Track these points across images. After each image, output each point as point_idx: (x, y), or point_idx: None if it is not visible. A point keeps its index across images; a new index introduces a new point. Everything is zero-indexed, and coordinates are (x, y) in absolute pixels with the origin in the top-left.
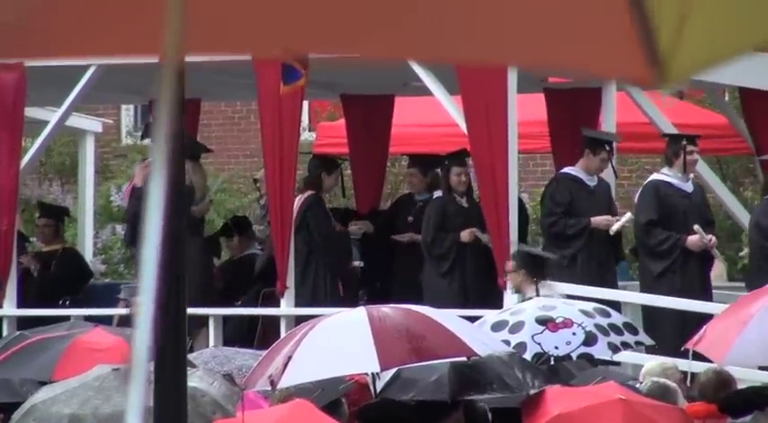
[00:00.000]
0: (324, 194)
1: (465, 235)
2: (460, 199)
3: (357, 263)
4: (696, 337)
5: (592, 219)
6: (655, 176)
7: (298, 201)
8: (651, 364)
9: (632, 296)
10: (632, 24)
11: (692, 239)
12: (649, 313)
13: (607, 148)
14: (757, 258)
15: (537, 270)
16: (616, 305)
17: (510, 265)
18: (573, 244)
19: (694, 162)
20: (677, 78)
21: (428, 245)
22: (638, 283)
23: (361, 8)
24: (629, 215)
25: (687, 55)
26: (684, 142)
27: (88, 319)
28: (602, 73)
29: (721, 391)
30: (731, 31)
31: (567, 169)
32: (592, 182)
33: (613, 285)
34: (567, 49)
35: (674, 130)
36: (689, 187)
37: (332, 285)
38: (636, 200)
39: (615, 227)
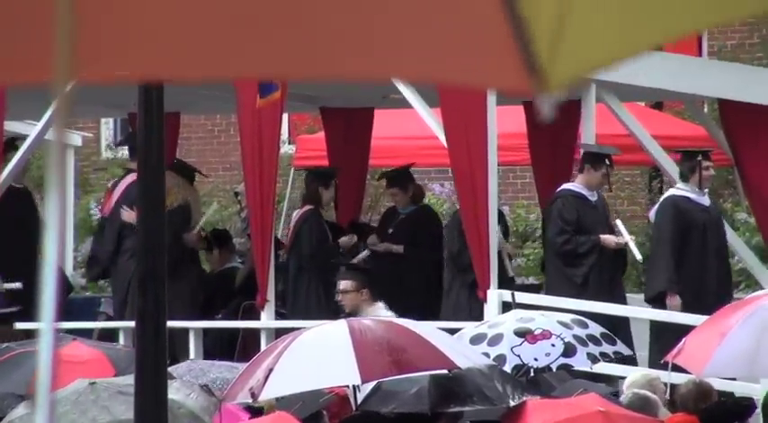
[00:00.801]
0: (323, 209)
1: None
2: None
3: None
4: (675, 350)
5: (601, 236)
6: (672, 192)
7: (296, 215)
8: (635, 375)
9: (607, 308)
10: (509, 34)
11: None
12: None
13: (607, 163)
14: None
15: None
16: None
17: (347, 284)
18: (585, 261)
19: (710, 177)
20: (557, 86)
21: (454, 257)
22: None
23: (232, 26)
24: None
25: (566, 63)
26: (700, 158)
27: (69, 332)
28: (481, 84)
29: (702, 402)
30: (609, 37)
31: (568, 186)
32: (593, 197)
33: (622, 301)
34: (447, 62)
35: (652, 142)
36: (706, 201)
37: (326, 300)
38: (652, 215)
39: (628, 242)
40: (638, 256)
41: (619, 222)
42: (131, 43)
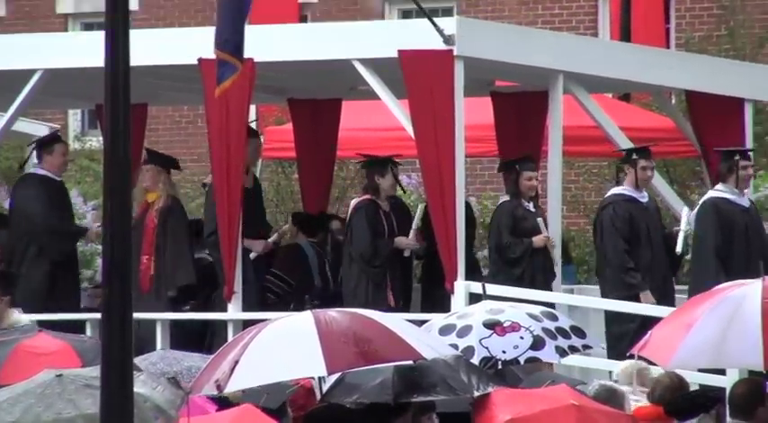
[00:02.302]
0: (381, 198)
1: (539, 240)
2: (527, 203)
3: None
4: (641, 342)
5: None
6: (711, 194)
7: (353, 203)
8: (625, 364)
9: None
10: None
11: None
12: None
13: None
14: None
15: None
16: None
17: None
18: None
19: (748, 177)
20: None
21: (503, 249)
22: (585, 286)
23: None
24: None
25: None
26: (737, 157)
27: (40, 324)
28: None
29: (678, 394)
30: None
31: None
32: (644, 199)
33: (672, 302)
34: None
35: (620, 133)
36: (745, 202)
37: (374, 292)
38: (692, 217)
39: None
40: (678, 249)
41: (685, 210)
42: None
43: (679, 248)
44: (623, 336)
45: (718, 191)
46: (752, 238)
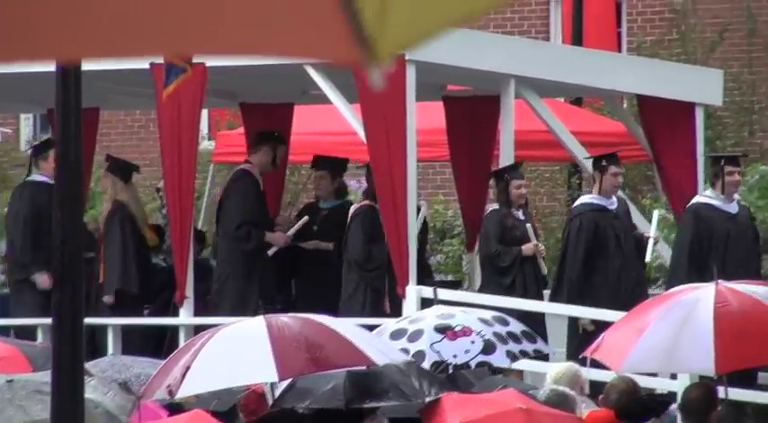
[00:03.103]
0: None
1: (528, 248)
2: (517, 211)
3: None
4: (594, 345)
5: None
6: (697, 199)
7: (353, 209)
8: (559, 368)
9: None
10: (337, 6)
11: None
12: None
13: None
14: None
15: None
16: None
17: None
18: None
19: (734, 183)
20: (385, 56)
21: (492, 258)
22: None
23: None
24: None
25: (394, 32)
26: (723, 163)
27: None
28: (312, 55)
29: (631, 398)
30: (435, 5)
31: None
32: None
33: None
34: (277, 34)
35: (571, 138)
36: (732, 208)
37: (372, 299)
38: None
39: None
40: (647, 257)
41: (655, 214)
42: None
43: (648, 257)
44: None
45: (705, 196)
46: (732, 246)
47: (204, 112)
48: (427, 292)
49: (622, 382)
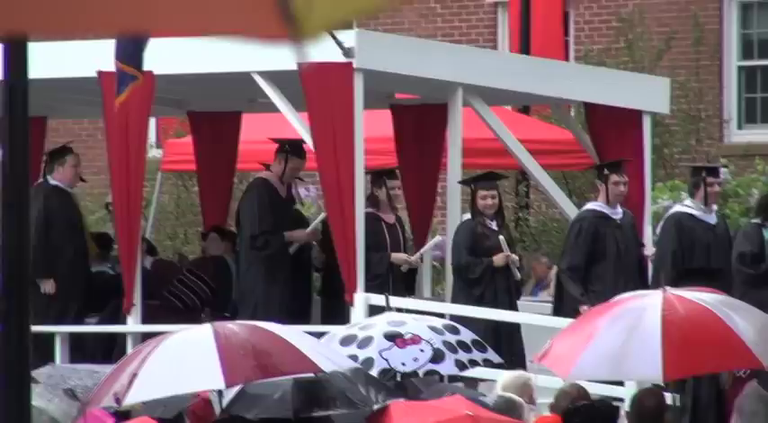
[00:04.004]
0: (381, 211)
1: (499, 259)
2: (490, 222)
3: None
4: (541, 352)
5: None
6: (677, 208)
7: None
8: (508, 375)
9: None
10: None
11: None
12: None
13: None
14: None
15: None
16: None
17: None
18: None
19: (715, 194)
20: (311, 34)
21: (461, 269)
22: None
23: None
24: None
25: (320, 11)
26: (704, 174)
27: None
28: (241, 32)
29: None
30: None
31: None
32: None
33: None
34: (205, 14)
35: (519, 146)
36: (712, 219)
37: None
38: (658, 232)
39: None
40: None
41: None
42: None
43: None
44: None
45: (685, 206)
46: (713, 256)
47: (152, 121)
48: (375, 299)
49: (574, 389)
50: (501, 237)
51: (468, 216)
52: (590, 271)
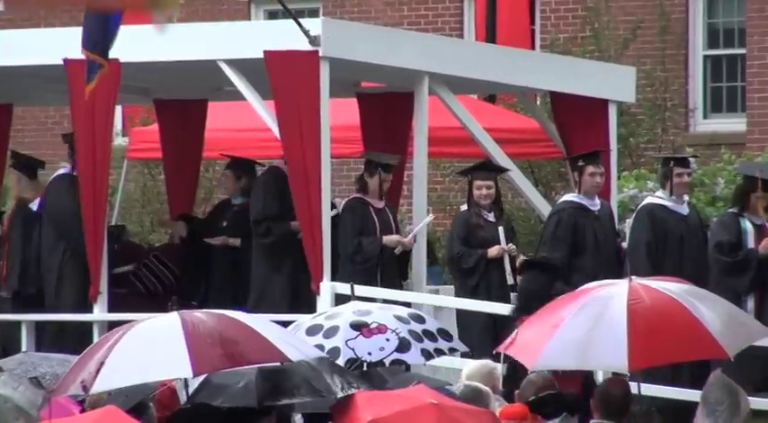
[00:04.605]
0: (369, 196)
1: (493, 251)
2: (487, 213)
3: None
4: (508, 340)
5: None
6: (649, 200)
7: (343, 202)
8: (474, 364)
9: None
10: None
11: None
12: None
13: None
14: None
15: None
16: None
17: None
18: None
19: (683, 185)
20: (170, 3)
21: (454, 259)
22: (450, 287)
23: None
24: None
25: None
26: (672, 164)
27: None
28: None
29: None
30: None
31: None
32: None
33: None
34: None
35: (485, 135)
36: (684, 210)
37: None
38: (631, 223)
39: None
40: (509, 281)
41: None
42: None
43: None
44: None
45: (657, 197)
46: (686, 247)
47: (118, 108)
48: (342, 287)
49: (540, 378)
50: (500, 227)
51: (465, 207)
52: (570, 264)
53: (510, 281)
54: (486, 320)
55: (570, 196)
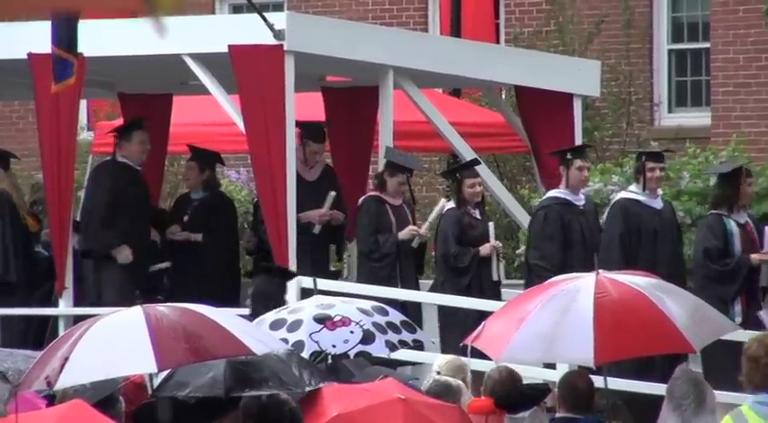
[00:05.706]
0: (386, 194)
1: (485, 249)
2: (473, 211)
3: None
4: (474, 334)
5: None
6: (622, 194)
7: (360, 200)
8: (445, 358)
9: (413, 295)
10: None
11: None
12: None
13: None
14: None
15: None
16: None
17: None
18: None
19: (656, 179)
20: (165, 7)
21: (449, 258)
22: (428, 281)
23: None
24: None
25: None
26: (645, 159)
27: None
28: (98, 5)
29: (509, 387)
30: None
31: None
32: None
33: None
34: None
35: (450, 129)
36: (658, 204)
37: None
38: (605, 218)
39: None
40: (494, 277)
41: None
42: None
43: (495, 277)
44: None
45: (630, 192)
46: (660, 242)
47: (83, 103)
48: (307, 282)
49: (498, 371)
50: (491, 223)
51: (451, 205)
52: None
53: (495, 277)
54: (478, 319)
55: (554, 192)
